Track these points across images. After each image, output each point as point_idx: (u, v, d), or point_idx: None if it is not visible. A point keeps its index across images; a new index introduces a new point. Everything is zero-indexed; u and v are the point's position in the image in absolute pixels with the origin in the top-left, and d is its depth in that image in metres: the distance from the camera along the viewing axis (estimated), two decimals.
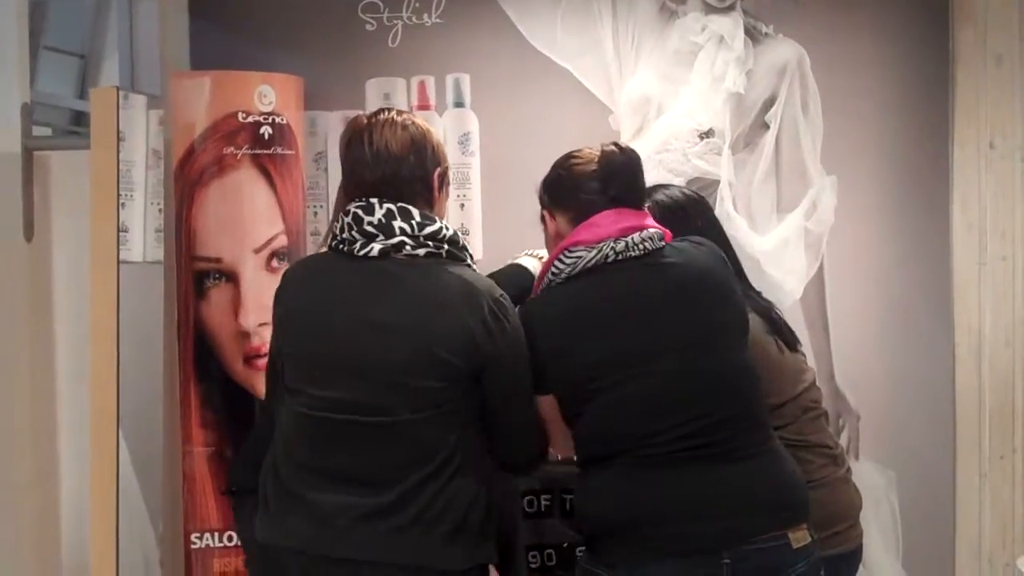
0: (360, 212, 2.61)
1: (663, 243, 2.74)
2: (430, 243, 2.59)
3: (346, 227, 2.63)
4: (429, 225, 2.60)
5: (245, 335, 3.58)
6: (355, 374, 2.58)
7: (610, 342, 2.65)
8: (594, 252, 2.68)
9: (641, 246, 2.70)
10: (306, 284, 2.71)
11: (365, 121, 2.69)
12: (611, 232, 2.69)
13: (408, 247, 2.59)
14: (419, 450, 2.56)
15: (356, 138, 2.67)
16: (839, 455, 3.10)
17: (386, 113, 2.70)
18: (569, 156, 2.84)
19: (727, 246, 3.12)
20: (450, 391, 2.57)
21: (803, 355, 3.13)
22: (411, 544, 2.54)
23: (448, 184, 2.78)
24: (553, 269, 2.73)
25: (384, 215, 2.59)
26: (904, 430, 4.01)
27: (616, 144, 2.83)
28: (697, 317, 2.69)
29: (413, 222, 2.59)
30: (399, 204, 2.60)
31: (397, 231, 2.58)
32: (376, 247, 2.58)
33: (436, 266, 2.60)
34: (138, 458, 3.61)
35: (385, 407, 2.55)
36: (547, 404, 2.74)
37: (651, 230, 2.73)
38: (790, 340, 3.06)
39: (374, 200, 2.61)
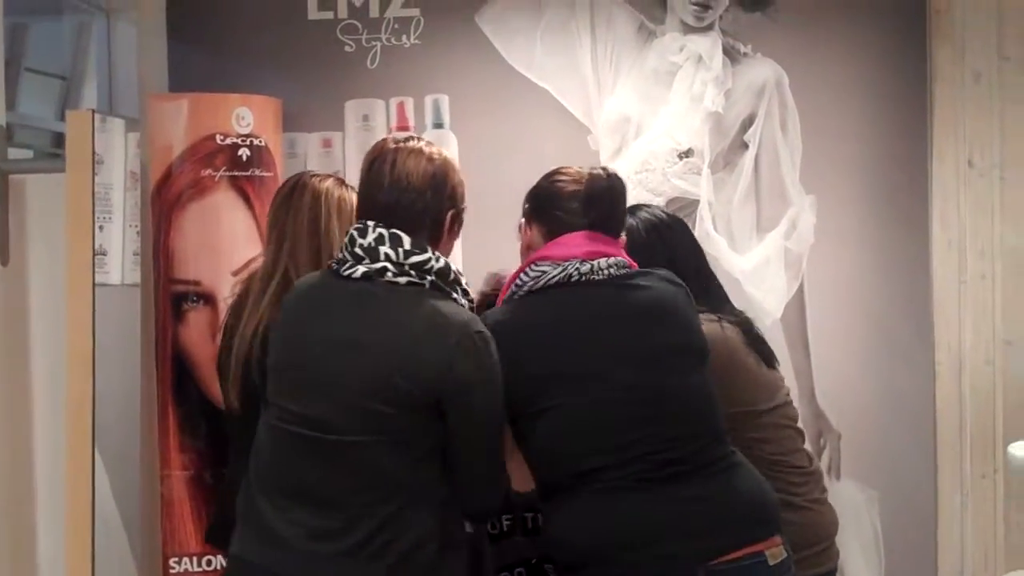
0: (355, 234, 2.60)
1: (628, 270, 2.74)
2: (413, 272, 2.56)
3: (344, 247, 2.62)
4: (416, 255, 2.57)
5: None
6: (318, 390, 2.56)
7: (564, 355, 2.63)
8: (558, 270, 2.67)
9: (606, 271, 2.69)
10: (297, 299, 2.70)
11: (393, 145, 2.65)
12: (578, 253, 2.69)
13: (390, 273, 2.56)
14: (368, 475, 2.53)
15: (380, 159, 2.63)
16: (816, 474, 3.09)
17: (416, 141, 2.65)
18: (556, 172, 2.83)
19: (706, 267, 3.11)
20: (404, 419, 2.52)
21: (780, 375, 3.13)
22: (355, 571, 2.51)
23: (461, 225, 2.72)
24: (517, 281, 2.73)
25: (375, 239, 2.57)
26: (885, 449, 4.01)
27: (604, 169, 2.82)
28: (653, 338, 2.67)
29: (400, 249, 2.56)
30: (392, 230, 2.57)
31: (382, 256, 2.56)
32: (360, 269, 2.57)
33: (416, 295, 2.57)
34: (116, 482, 3.58)
35: (341, 426, 2.53)
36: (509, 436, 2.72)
37: (619, 259, 2.73)
38: (768, 356, 3.05)
39: (370, 223, 2.59)
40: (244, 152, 3.63)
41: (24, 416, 3.37)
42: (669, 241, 3.05)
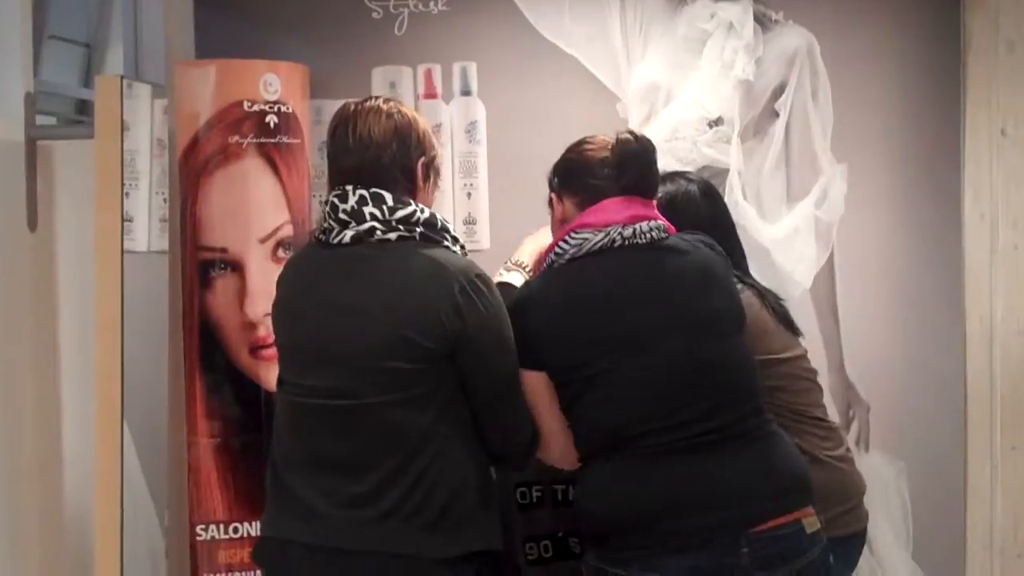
0: (336, 200, 2.63)
1: (668, 235, 2.73)
2: (401, 227, 2.59)
3: (326, 216, 2.64)
4: (401, 208, 2.60)
5: (251, 325, 3.55)
6: (327, 359, 2.58)
7: (613, 321, 2.64)
8: (601, 235, 2.66)
9: (648, 235, 2.69)
10: (291, 275, 2.74)
11: (352, 108, 2.69)
12: (619, 218, 2.68)
13: (379, 232, 2.59)
14: (390, 435, 2.54)
15: (341, 125, 2.68)
16: (836, 432, 3.08)
17: (373, 100, 2.71)
18: (582, 141, 2.83)
19: (735, 236, 3.10)
20: (420, 373, 2.54)
21: (798, 340, 3.11)
22: (391, 533, 2.52)
23: (437, 174, 2.76)
24: (557, 249, 2.72)
25: (357, 201, 2.60)
26: (914, 421, 3.98)
27: (631, 132, 2.81)
28: (698, 303, 2.68)
29: (384, 206, 2.59)
30: (372, 190, 2.60)
31: (367, 216, 2.59)
32: (348, 234, 2.59)
33: (408, 249, 2.59)
34: (143, 449, 3.57)
35: (355, 391, 2.55)
36: (538, 384, 2.70)
37: (658, 222, 2.73)
38: (786, 318, 3.04)
39: (349, 187, 2.62)
40: (272, 119, 3.60)
41: (53, 383, 3.38)
42: (706, 208, 3.04)
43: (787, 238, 3.96)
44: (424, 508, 2.52)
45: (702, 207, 3.06)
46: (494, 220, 3.94)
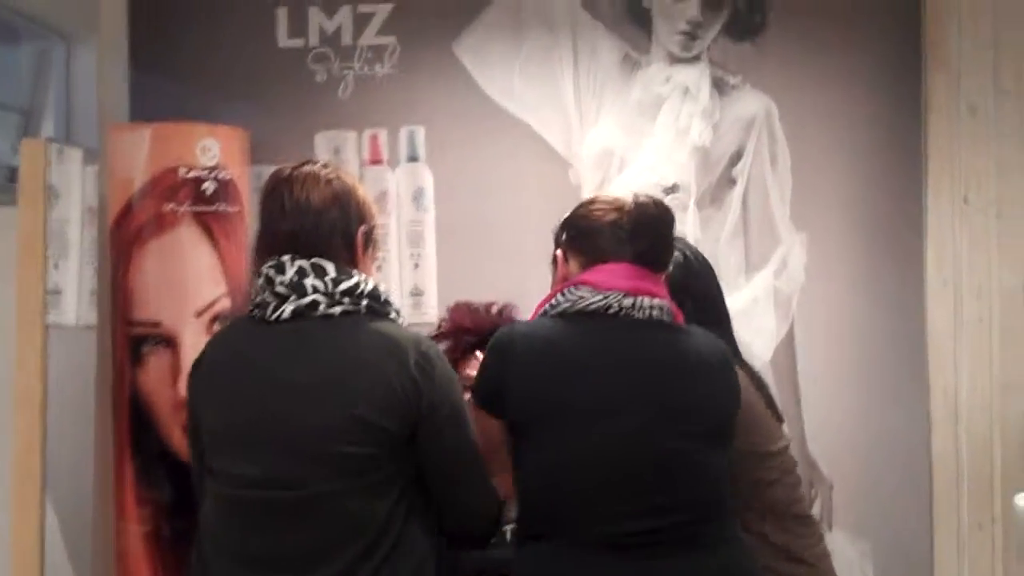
0: (271, 272, 2.44)
1: (670, 318, 2.57)
2: (346, 299, 2.42)
3: (259, 290, 2.46)
4: (345, 280, 2.43)
5: (184, 404, 3.32)
6: (268, 445, 2.38)
7: (578, 385, 2.46)
8: (599, 297, 2.50)
9: (648, 311, 2.52)
10: (220, 354, 2.53)
11: (288, 173, 2.52)
12: (624, 286, 2.51)
13: (322, 306, 2.41)
14: (345, 527, 2.36)
15: (276, 190, 2.50)
16: (816, 525, 2.94)
17: (310, 165, 2.54)
18: (592, 201, 2.66)
19: (726, 312, 2.95)
20: (377, 458, 2.37)
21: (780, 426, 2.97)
22: None
23: (375, 244, 2.59)
24: (553, 301, 2.57)
25: (296, 272, 2.42)
26: (879, 499, 3.88)
27: (651, 197, 2.63)
28: (673, 394, 2.49)
29: (327, 278, 2.42)
30: (312, 260, 2.43)
31: (309, 289, 2.41)
32: (288, 308, 2.41)
33: (354, 323, 2.43)
34: (70, 536, 3.41)
35: (303, 480, 2.35)
36: (492, 430, 2.53)
37: (662, 301, 2.55)
38: (774, 406, 2.89)
39: (286, 258, 2.44)
40: (209, 185, 3.50)
41: None
42: (701, 282, 2.87)
43: (746, 309, 3.86)
44: None
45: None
46: (442, 291, 3.82)
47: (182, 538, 3.34)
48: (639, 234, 2.55)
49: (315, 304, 2.41)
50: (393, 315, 2.49)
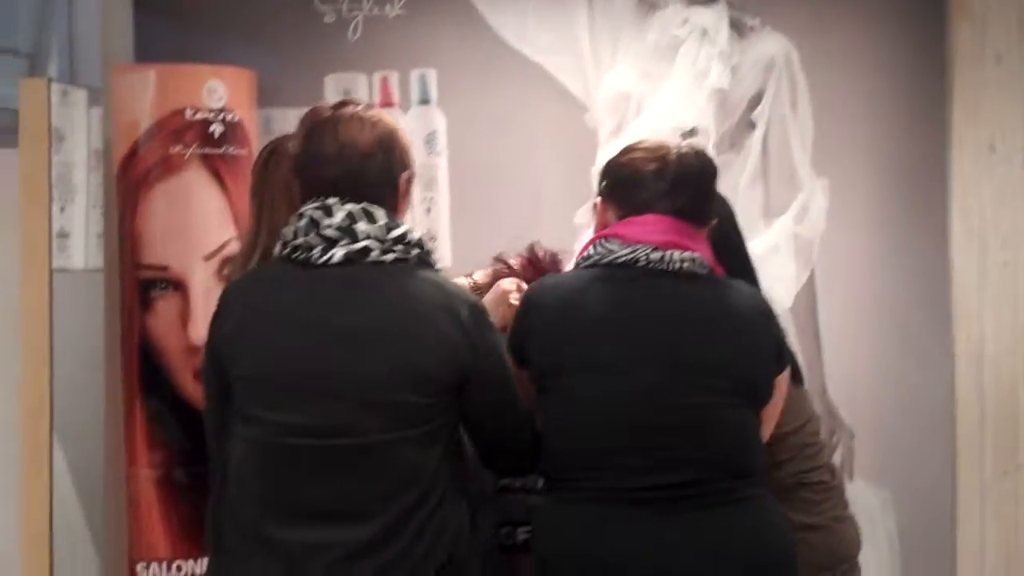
0: (317, 214, 2.35)
1: (705, 270, 2.48)
2: (398, 247, 2.34)
3: (301, 231, 2.36)
4: (396, 228, 2.35)
5: (194, 348, 3.36)
6: (321, 392, 2.31)
7: (596, 338, 2.41)
8: (627, 250, 2.43)
9: (678, 265, 2.44)
10: (256, 300, 2.42)
11: (328, 113, 2.42)
12: (653, 239, 2.43)
13: (375, 252, 2.33)
14: (399, 476, 2.30)
15: (317, 131, 2.40)
16: (837, 488, 2.86)
17: (352, 107, 2.43)
18: (631, 147, 2.56)
19: (735, 243, 2.84)
20: (431, 408, 2.32)
21: (805, 390, 2.89)
22: None
23: (411, 190, 2.52)
24: (586, 253, 2.51)
25: (346, 217, 2.33)
26: (900, 447, 3.85)
27: (693, 148, 2.54)
28: (696, 347, 2.41)
29: (379, 224, 2.34)
30: (362, 205, 2.34)
31: (361, 234, 2.33)
32: (339, 252, 2.32)
33: (406, 272, 2.35)
34: (81, 481, 3.40)
35: (358, 428, 2.29)
36: (522, 382, 2.48)
37: (698, 255, 2.46)
38: (796, 371, 2.81)
39: (332, 201, 2.35)
40: (216, 128, 3.44)
41: None
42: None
43: (765, 256, 3.78)
44: (430, 557, 2.30)
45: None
46: (455, 236, 3.79)
47: (194, 483, 3.35)
48: (679, 188, 2.47)
49: (367, 250, 2.32)
50: (439, 266, 2.44)
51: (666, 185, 2.46)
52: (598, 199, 2.59)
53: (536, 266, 2.94)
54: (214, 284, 3.37)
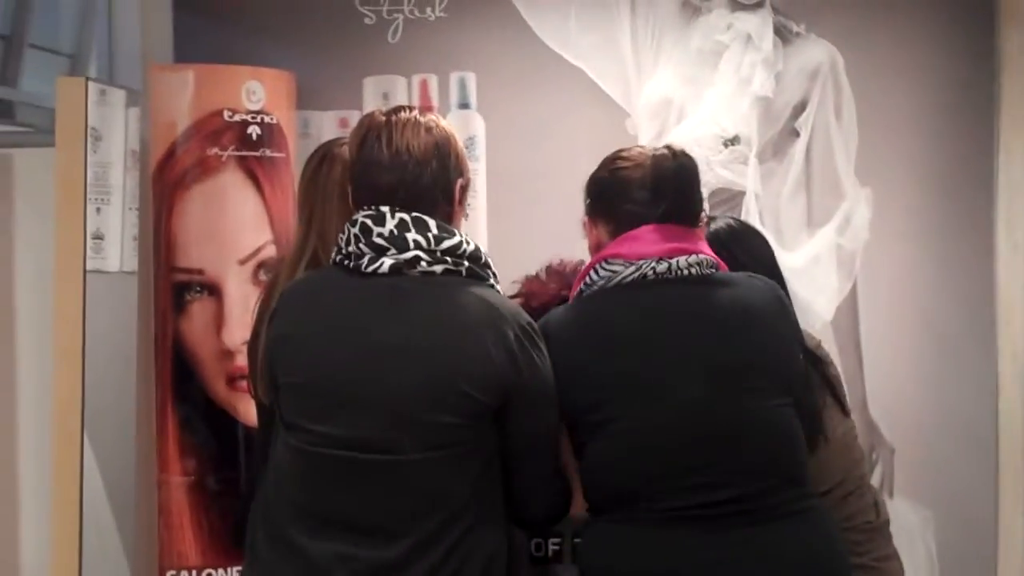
0: (369, 222, 2.31)
1: (713, 270, 2.45)
2: (448, 259, 2.30)
3: (352, 239, 2.33)
4: (448, 239, 2.31)
5: (228, 354, 3.37)
6: (359, 405, 2.27)
7: (627, 364, 2.36)
8: (631, 269, 2.39)
9: (687, 271, 2.41)
10: (306, 305, 2.39)
11: (383, 118, 2.38)
12: (654, 251, 2.39)
13: (423, 263, 2.29)
14: (430, 497, 2.26)
15: (372, 136, 2.36)
16: (882, 527, 2.79)
17: (408, 112, 2.40)
18: (615, 157, 2.53)
19: (777, 281, 2.77)
20: (468, 429, 2.27)
21: (852, 423, 2.83)
22: None
23: (466, 198, 2.48)
24: (587, 280, 2.46)
25: (397, 226, 2.29)
26: (942, 465, 3.78)
27: (669, 148, 2.51)
28: (729, 351, 2.38)
29: (430, 235, 2.29)
30: (414, 214, 2.30)
31: (411, 244, 2.28)
32: (387, 262, 2.29)
33: (455, 285, 2.31)
34: (113, 488, 3.39)
35: (392, 444, 2.25)
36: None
37: (702, 256, 2.43)
38: (842, 401, 2.75)
39: (385, 208, 2.31)
40: (254, 130, 3.42)
41: (8, 415, 3.13)
42: (746, 260, 2.71)
43: (807, 267, 3.77)
44: None
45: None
46: (493, 243, 3.71)
47: (225, 489, 3.35)
48: (661, 191, 2.43)
49: (416, 260, 2.28)
50: (492, 280, 2.37)
51: (648, 192, 2.43)
52: (585, 218, 2.54)
53: (561, 277, 2.90)
54: (249, 289, 3.35)
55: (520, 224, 3.64)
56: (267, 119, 3.43)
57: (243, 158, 3.40)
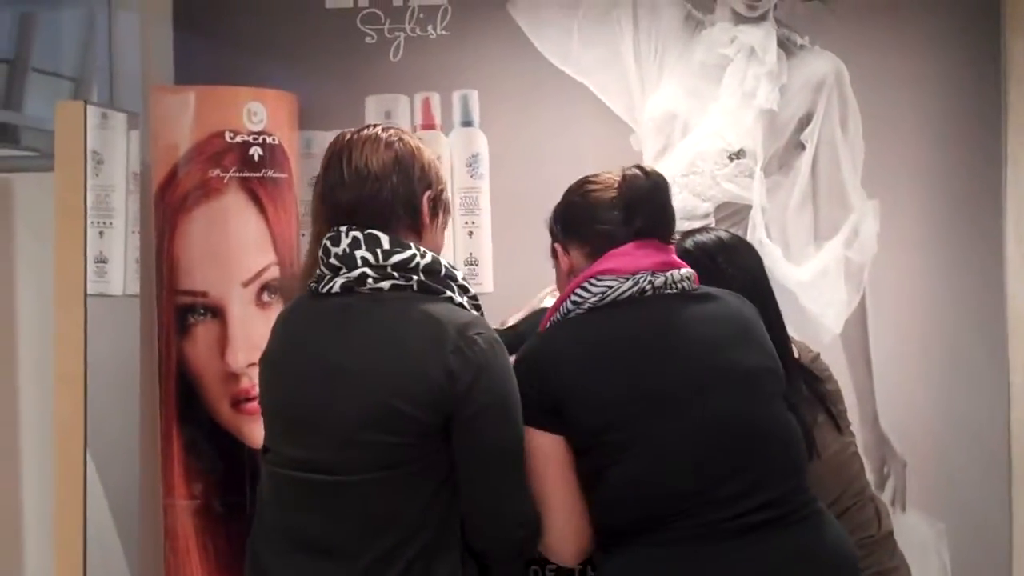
0: (328, 243, 2.32)
1: (697, 286, 2.46)
2: (396, 274, 2.28)
3: (318, 261, 2.34)
4: (398, 253, 2.29)
5: (233, 376, 3.36)
6: (311, 426, 2.27)
7: (645, 377, 2.32)
8: (629, 283, 2.36)
9: (680, 285, 2.40)
10: (280, 327, 2.43)
11: (347, 138, 2.39)
12: (648, 264, 2.37)
13: (371, 279, 2.28)
14: (381, 517, 2.24)
15: (335, 157, 2.36)
16: (884, 539, 2.76)
17: (370, 129, 2.39)
18: (585, 181, 2.52)
19: (765, 294, 2.75)
20: (413, 448, 2.23)
21: (851, 439, 2.80)
22: None
23: (446, 210, 2.44)
24: (574, 298, 2.40)
25: (349, 244, 2.29)
26: (955, 477, 3.75)
27: (640, 167, 2.50)
28: (740, 358, 2.37)
29: (379, 250, 2.28)
30: (367, 231, 2.29)
31: (359, 262, 2.28)
32: (338, 281, 2.29)
33: (404, 301, 2.28)
34: (119, 512, 3.37)
35: (338, 466, 2.25)
36: (551, 450, 2.34)
37: (688, 270, 2.44)
38: (842, 419, 2.73)
39: (343, 228, 2.31)
40: (256, 151, 3.40)
41: (11, 440, 3.11)
42: (733, 271, 2.69)
43: (815, 280, 3.75)
44: None
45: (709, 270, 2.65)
46: (498, 261, 3.73)
47: (232, 513, 3.33)
48: (636, 209, 2.42)
49: (363, 278, 2.28)
50: (452, 292, 2.33)
51: (621, 212, 2.41)
52: (555, 244, 2.52)
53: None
54: (253, 310, 3.35)
55: (525, 240, 3.56)
56: (269, 140, 3.42)
57: (245, 179, 3.39)
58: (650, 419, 2.29)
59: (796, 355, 2.71)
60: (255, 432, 3.00)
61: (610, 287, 2.36)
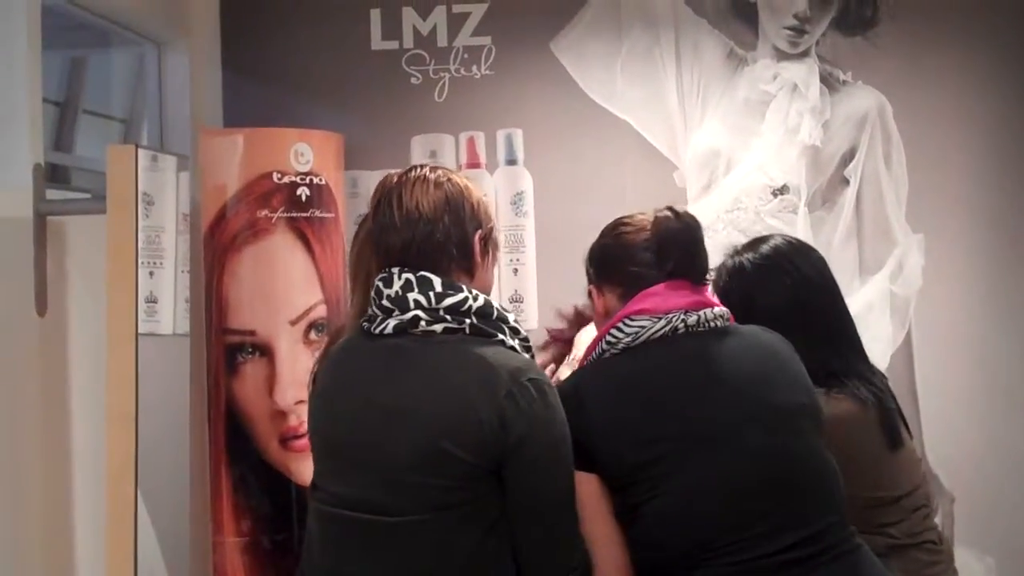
0: (380, 284, 2.31)
1: (730, 324, 2.45)
2: (448, 317, 2.26)
3: (371, 302, 2.34)
4: (451, 296, 2.27)
5: (281, 414, 3.38)
6: (359, 466, 2.27)
7: (682, 413, 2.31)
8: (662, 323, 2.36)
9: (713, 323, 2.40)
10: (330, 367, 2.42)
11: (395, 180, 2.37)
12: (682, 303, 2.38)
13: (423, 322, 2.26)
14: (429, 558, 2.22)
15: (384, 199, 2.35)
16: (946, 552, 2.75)
17: (418, 170, 2.37)
18: (617, 223, 2.51)
19: (804, 313, 2.74)
20: (463, 491, 2.22)
21: (914, 449, 2.79)
22: None
23: (496, 247, 2.43)
24: (609, 338, 2.40)
25: (402, 286, 2.28)
26: (1003, 512, 3.74)
27: (671, 209, 2.48)
28: (777, 394, 2.36)
29: (431, 293, 2.27)
30: (420, 273, 2.29)
31: (412, 304, 2.26)
32: (391, 323, 2.28)
33: (457, 344, 2.27)
34: (168, 549, 3.34)
35: (388, 506, 2.23)
36: (588, 489, 2.33)
37: (722, 309, 2.43)
38: (903, 431, 2.71)
39: (395, 270, 2.31)
40: (303, 191, 3.43)
41: (64, 480, 3.13)
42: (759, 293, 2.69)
43: (861, 315, 3.64)
44: None
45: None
46: (542, 297, 3.74)
47: (280, 550, 3.34)
48: (666, 252, 2.41)
49: (416, 320, 2.26)
50: (504, 335, 2.31)
51: (653, 255, 2.40)
52: (591, 287, 2.52)
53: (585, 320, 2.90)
54: (300, 349, 3.37)
55: (570, 277, 3.58)
56: (316, 180, 3.45)
57: (293, 219, 3.42)
58: (685, 456, 2.28)
59: None
60: (303, 469, 3.01)
61: (643, 327, 2.36)
